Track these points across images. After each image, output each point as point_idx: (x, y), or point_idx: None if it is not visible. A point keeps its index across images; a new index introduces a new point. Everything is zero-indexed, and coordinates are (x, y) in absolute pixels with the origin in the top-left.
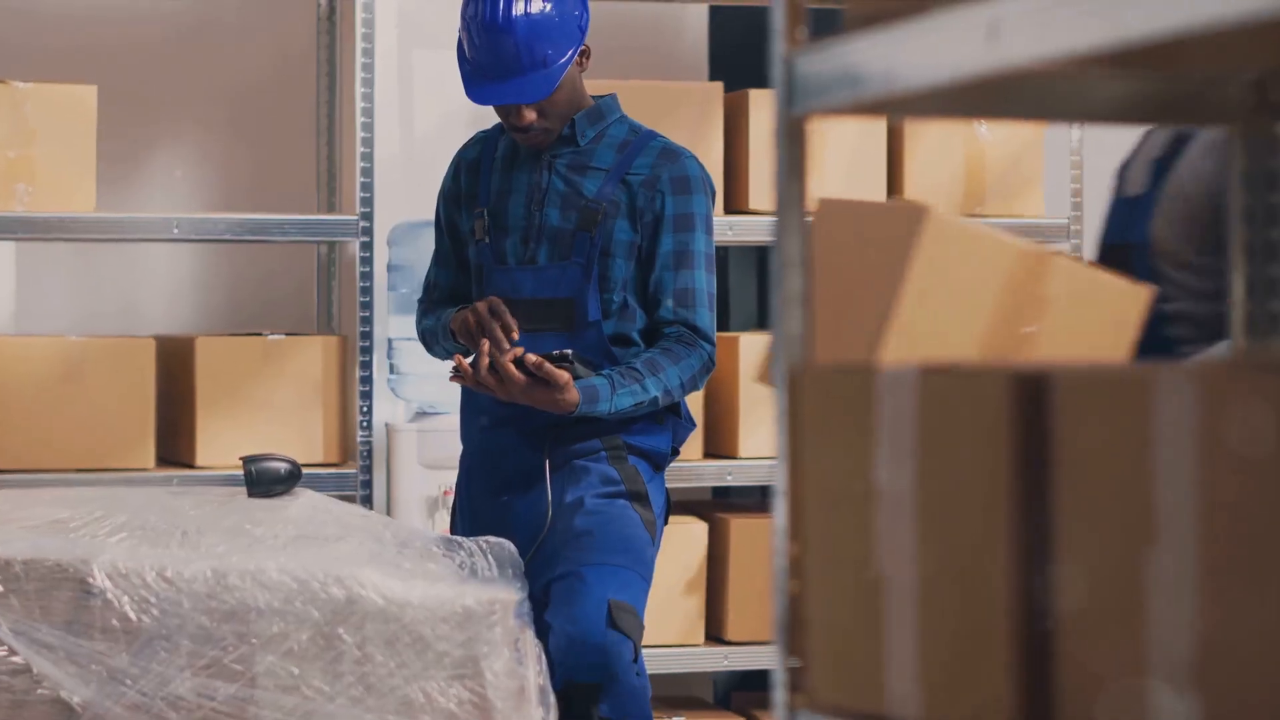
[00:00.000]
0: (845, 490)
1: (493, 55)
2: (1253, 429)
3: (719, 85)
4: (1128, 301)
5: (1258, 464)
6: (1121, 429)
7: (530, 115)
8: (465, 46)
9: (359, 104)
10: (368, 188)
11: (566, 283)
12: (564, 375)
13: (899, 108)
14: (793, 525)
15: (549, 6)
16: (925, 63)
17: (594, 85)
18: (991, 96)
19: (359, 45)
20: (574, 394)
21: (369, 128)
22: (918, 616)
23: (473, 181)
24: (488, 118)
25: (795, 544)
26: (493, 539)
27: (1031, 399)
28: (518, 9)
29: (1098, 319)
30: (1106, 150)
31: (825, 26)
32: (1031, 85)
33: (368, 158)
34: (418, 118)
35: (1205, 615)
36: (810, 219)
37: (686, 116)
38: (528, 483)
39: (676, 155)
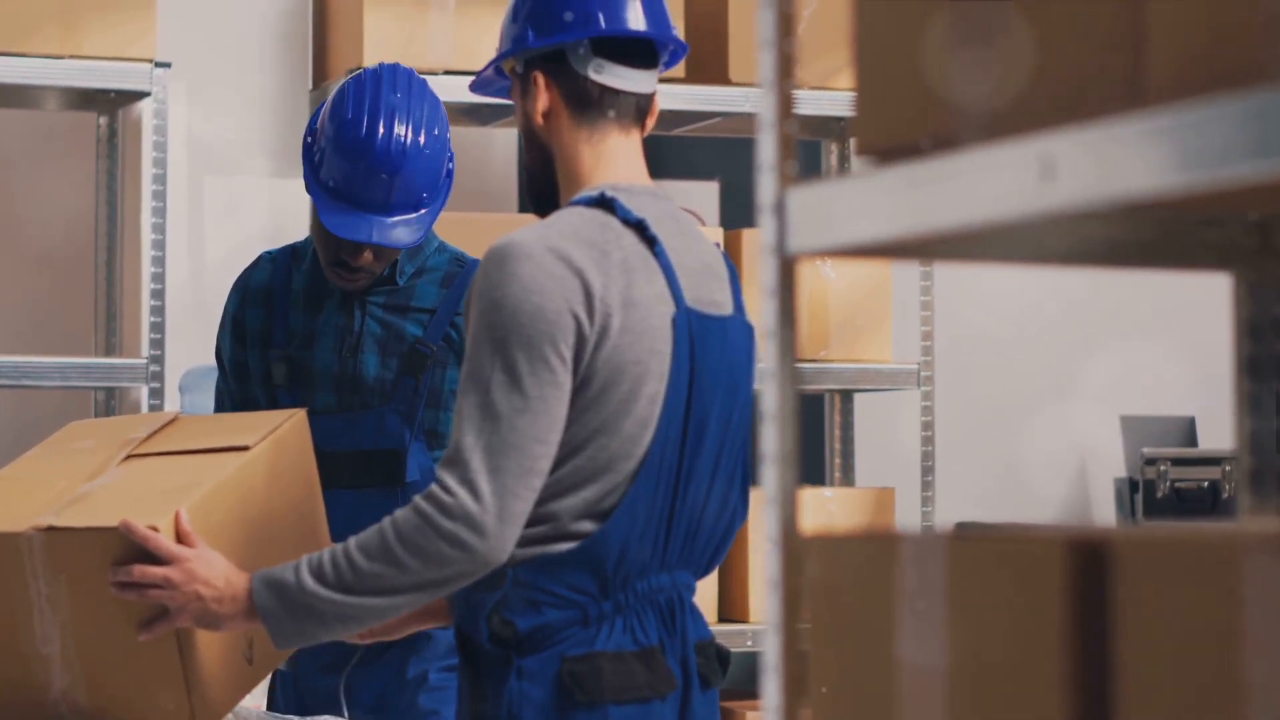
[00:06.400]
0: (858, 667)
1: (361, 185)
2: None
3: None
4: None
5: None
6: (1201, 602)
7: (369, 256)
8: (322, 163)
9: (148, 235)
10: (158, 328)
11: (386, 433)
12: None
13: (910, 251)
14: (788, 707)
15: (429, 142)
16: (961, 203)
17: None
18: (986, 241)
19: (148, 170)
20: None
21: (160, 261)
22: None
23: (264, 316)
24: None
25: None
26: (325, 719)
27: (1089, 568)
28: (401, 135)
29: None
30: (957, 294)
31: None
32: (1027, 228)
33: (159, 295)
34: (209, 249)
35: None
36: None
37: None
38: (364, 654)
39: None
